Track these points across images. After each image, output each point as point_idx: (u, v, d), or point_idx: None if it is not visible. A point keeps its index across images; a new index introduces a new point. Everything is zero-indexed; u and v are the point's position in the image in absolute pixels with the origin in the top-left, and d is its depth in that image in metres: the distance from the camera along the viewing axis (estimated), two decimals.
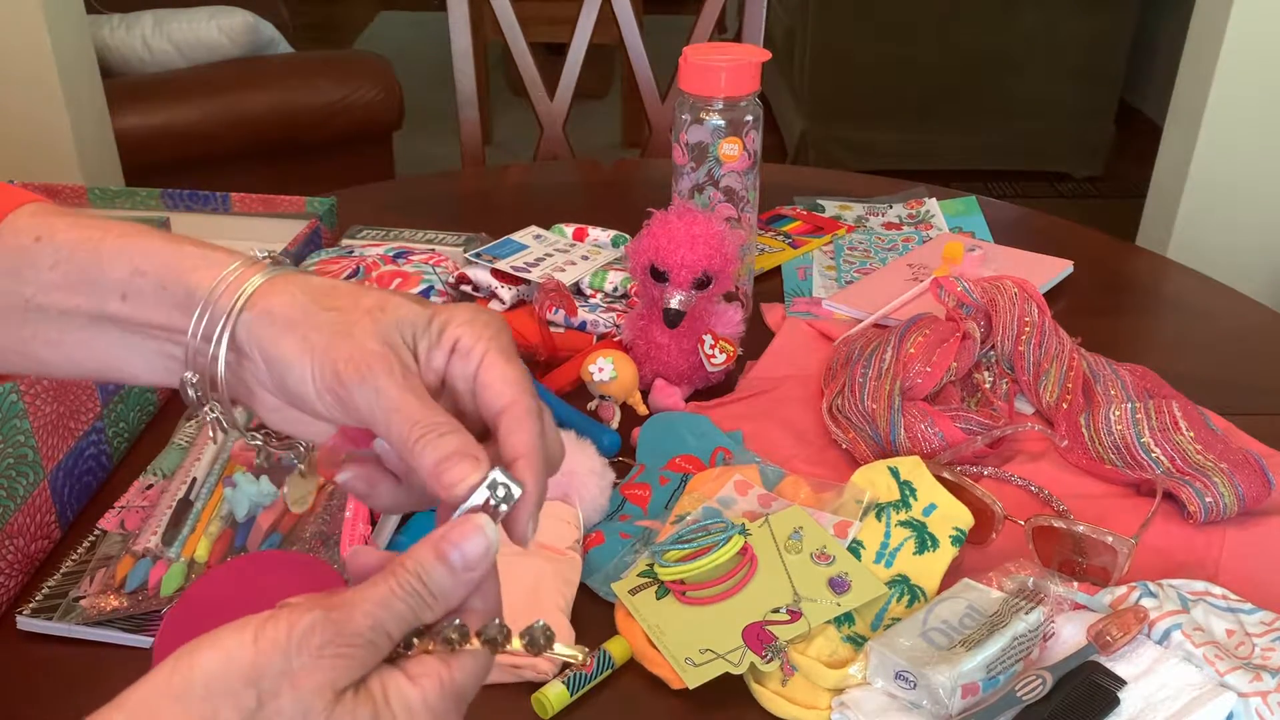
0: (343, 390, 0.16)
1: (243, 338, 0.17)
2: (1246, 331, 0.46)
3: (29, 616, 0.29)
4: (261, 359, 0.17)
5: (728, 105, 0.40)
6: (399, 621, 0.15)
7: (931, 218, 0.56)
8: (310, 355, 0.17)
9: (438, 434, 0.16)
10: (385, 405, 0.16)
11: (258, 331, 0.17)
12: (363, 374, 0.16)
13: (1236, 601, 0.29)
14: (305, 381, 0.17)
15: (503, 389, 0.17)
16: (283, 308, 0.17)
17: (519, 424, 0.17)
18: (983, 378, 0.39)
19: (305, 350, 0.17)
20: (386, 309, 0.17)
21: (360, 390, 0.16)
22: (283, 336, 0.17)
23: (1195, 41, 0.87)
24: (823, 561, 0.30)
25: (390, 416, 0.16)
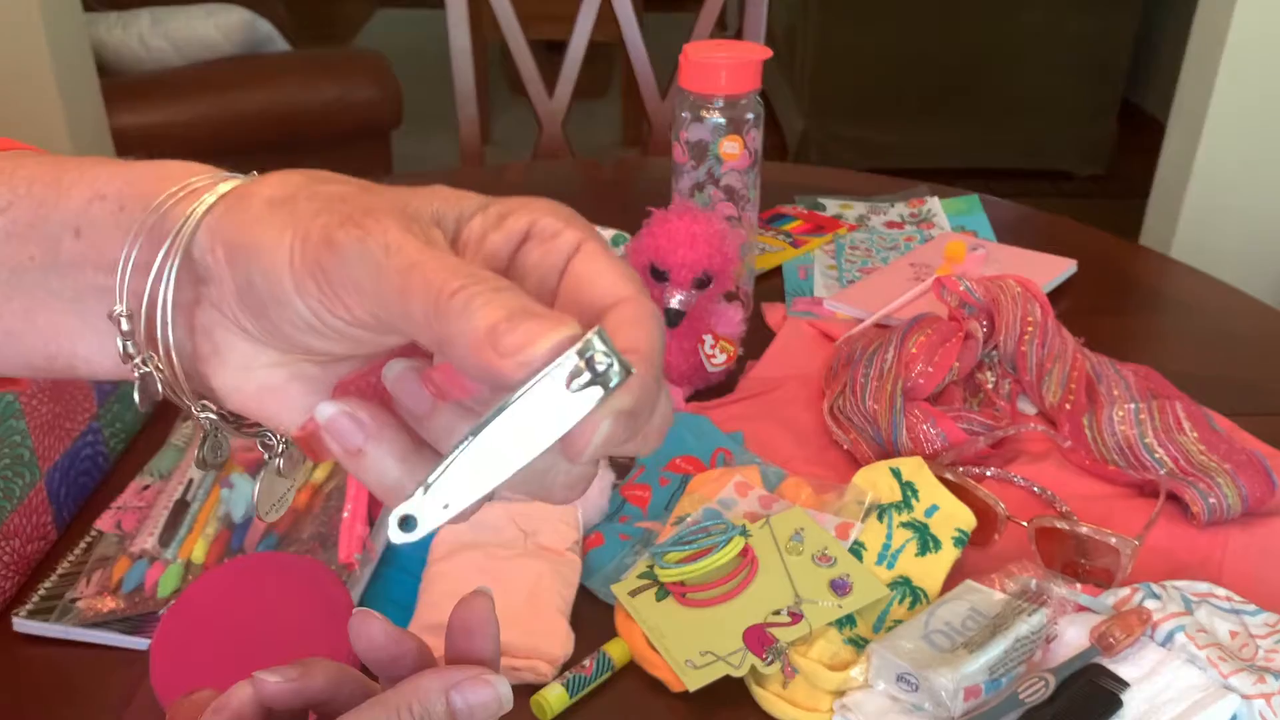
0: (333, 261, 0.11)
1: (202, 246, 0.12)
2: (1250, 331, 0.45)
3: (25, 618, 0.29)
4: (225, 259, 0.12)
5: (728, 103, 0.40)
6: None
7: (934, 216, 0.56)
8: (292, 228, 0.11)
9: (488, 286, 0.10)
10: (399, 263, 0.11)
11: (225, 224, 0.12)
12: (364, 226, 0.11)
13: (1240, 603, 0.29)
14: (280, 266, 0.11)
15: (614, 281, 0.12)
16: (270, 189, 0.12)
17: (638, 319, 0.11)
18: (985, 378, 0.39)
19: (286, 224, 0.11)
20: (420, 190, 0.12)
21: (360, 254, 0.11)
22: (260, 219, 0.12)
23: (1198, 38, 0.87)
24: (824, 563, 0.30)
25: (408, 276, 0.11)
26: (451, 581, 0.30)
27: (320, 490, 0.33)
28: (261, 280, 0.12)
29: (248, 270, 0.12)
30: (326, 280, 0.11)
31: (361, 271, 0.11)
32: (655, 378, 0.11)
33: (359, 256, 0.11)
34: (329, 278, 0.11)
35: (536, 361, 0.10)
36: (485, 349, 0.10)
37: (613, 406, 0.11)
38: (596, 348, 0.10)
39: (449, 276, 0.11)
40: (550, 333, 0.10)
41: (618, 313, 0.12)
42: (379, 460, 0.12)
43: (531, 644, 0.28)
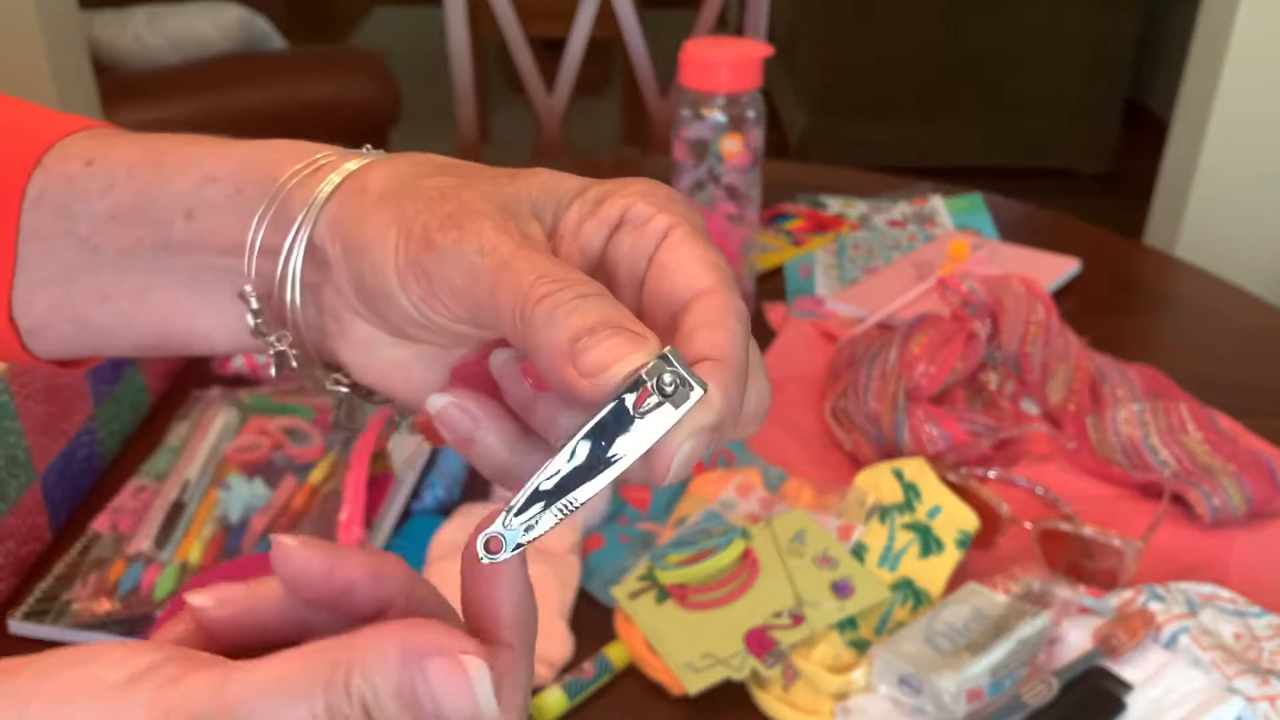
0: (432, 261, 0.11)
1: (324, 236, 0.12)
2: (1255, 332, 0.45)
3: (21, 620, 0.29)
4: (342, 252, 0.12)
5: (729, 101, 0.40)
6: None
7: (936, 215, 0.55)
8: (397, 226, 0.11)
9: (574, 293, 0.10)
10: (491, 264, 0.11)
11: (342, 216, 0.12)
12: (461, 228, 0.11)
13: (1245, 605, 0.29)
14: (387, 263, 0.11)
15: (698, 271, 0.11)
16: (380, 182, 0.12)
17: (717, 318, 0.11)
18: (988, 378, 0.39)
19: (393, 222, 0.12)
20: (516, 179, 0.12)
21: (456, 256, 0.11)
22: (371, 215, 0.12)
23: (1203, 37, 0.86)
24: (826, 565, 0.29)
25: (499, 276, 0.11)
26: (450, 582, 0.30)
27: (317, 492, 0.33)
28: (370, 275, 0.12)
29: (359, 265, 0.12)
30: (427, 280, 0.12)
31: (457, 272, 0.11)
32: (737, 380, 0.11)
33: (455, 258, 0.11)
34: (429, 277, 0.12)
35: (611, 384, 0.10)
36: (565, 364, 0.10)
37: (691, 426, 0.10)
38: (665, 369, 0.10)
39: (536, 281, 0.11)
40: (629, 356, 0.10)
41: (697, 311, 0.11)
42: (489, 448, 0.12)
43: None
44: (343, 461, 0.34)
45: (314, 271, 0.13)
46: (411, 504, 0.34)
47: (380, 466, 0.34)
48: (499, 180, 0.12)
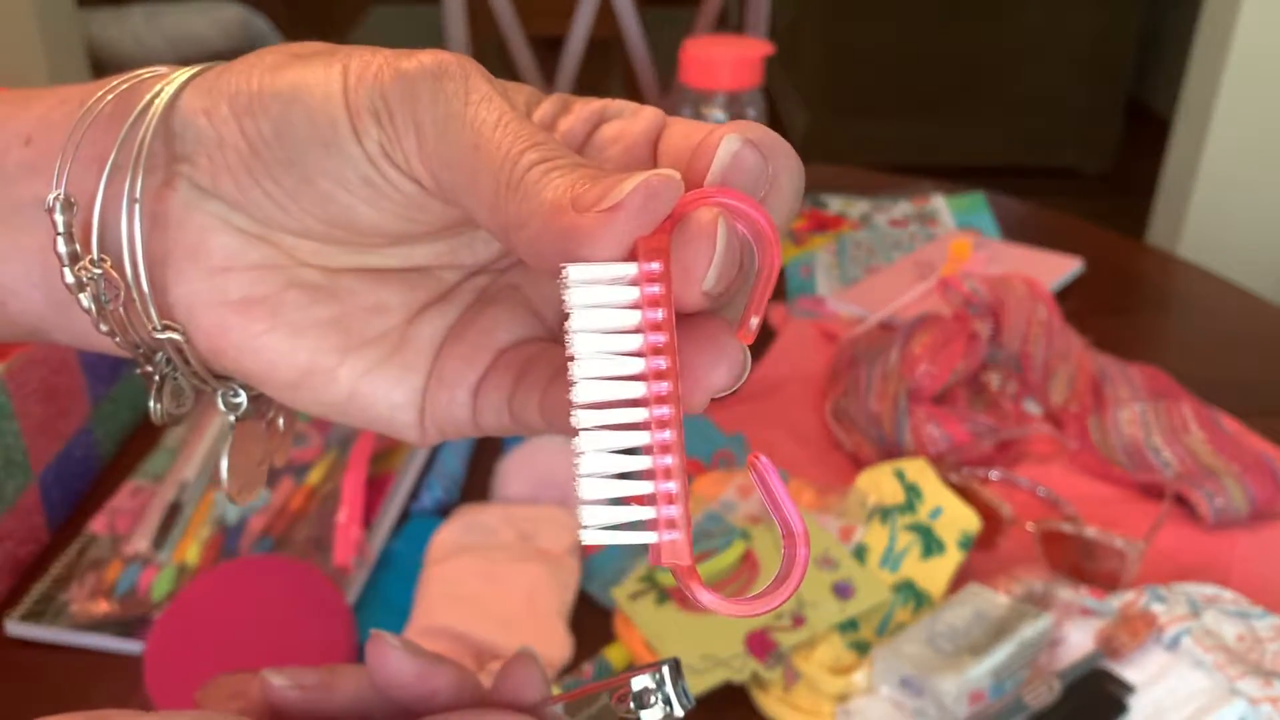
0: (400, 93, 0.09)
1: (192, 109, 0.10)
2: (1259, 332, 0.45)
3: (18, 621, 0.29)
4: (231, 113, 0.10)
5: (730, 99, 0.39)
6: None
7: (938, 215, 0.55)
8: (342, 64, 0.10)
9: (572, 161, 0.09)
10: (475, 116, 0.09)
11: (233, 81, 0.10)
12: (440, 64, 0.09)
13: (1248, 606, 0.28)
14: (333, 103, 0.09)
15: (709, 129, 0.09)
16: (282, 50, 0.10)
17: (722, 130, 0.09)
18: (990, 378, 0.39)
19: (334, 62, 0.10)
20: None
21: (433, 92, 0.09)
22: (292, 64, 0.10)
23: (1205, 35, 0.86)
24: (826, 566, 0.29)
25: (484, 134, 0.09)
26: (448, 585, 0.29)
27: (315, 493, 0.33)
28: (304, 122, 0.10)
29: (281, 116, 0.10)
30: (389, 116, 0.09)
31: (432, 113, 0.09)
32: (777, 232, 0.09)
33: (432, 94, 0.09)
34: (392, 112, 0.09)
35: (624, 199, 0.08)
36: (564, 211, 0.08)
37: None
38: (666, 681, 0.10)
39: (526, 145, 0.09)
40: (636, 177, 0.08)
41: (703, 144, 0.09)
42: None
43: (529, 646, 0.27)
44: (341, 463, 0.34)
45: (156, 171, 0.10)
46: (410, 505, 0.34)
47: (379, 468, 0.34)
48: None
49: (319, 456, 0.34)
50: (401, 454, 0.34)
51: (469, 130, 0.09)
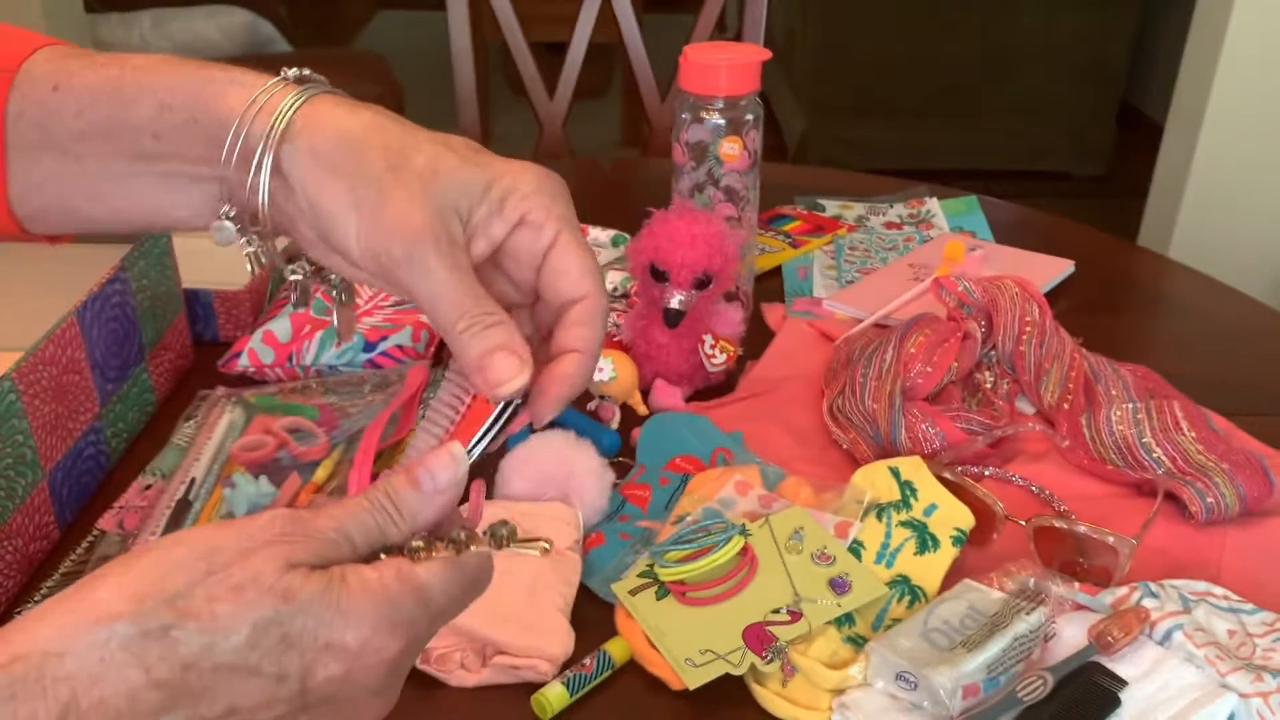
0: (388, 262, 0.16)
1: (286, 167, 0.16)
2: (1248, 332, 0.45)
3: None
4: (305, 199, 0.16)
5: (728, 104, 0.40)
6: (364, 531, 0.15)
7: (932, 217, 0.56)
8: (356, 214, 0.16)
9: (483, 326, 0.16)
10: (431, 289, 0.16)
11: (302, 166, 0.16)
12: (410, 252, 0.16)
13: (1238, 602, 0.29)
14: (349, 238, 0.16)
15: (580, 279, 0.17)
16: (328, 147, 0.16)
17: (589, 321, 0.17)
18: (984, 378, 0.39)
19: (351, 206, 0.16)
20: (439, 174, 0.16)
21: (407, 268, 0.16)
22: (328, 182, 0.16)
23: (1196, 40, 0.87)
24: (823, 562, 0.30)
25: (436, 302, 0.16)
26: None
27: (322, 490, 0.33)
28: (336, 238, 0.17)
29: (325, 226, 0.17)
30: (381, 268, 0.16)
31: (406, 276, 0.16)
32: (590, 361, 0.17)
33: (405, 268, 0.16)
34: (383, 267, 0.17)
35: (507, 394, 0.16)
36: (476, 373, 0.16)
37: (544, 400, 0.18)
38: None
39: (459, 316, 0.16)
40: (516, 375, 0.16)
41: (578, 310, 0.17)
42: None
43: (532, 643, 0.28)
44: (347, 460, 0.34)
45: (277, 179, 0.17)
46: None
47: (384, 464, 0.34)
48: (424, 178, 0.16)
49: (325, 454, 0.35)
50: (407, 451, 0.34)
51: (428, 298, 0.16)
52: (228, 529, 0.15)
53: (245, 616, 0.14)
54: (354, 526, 0.15)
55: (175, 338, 0.40)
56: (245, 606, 0.14)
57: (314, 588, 0.14)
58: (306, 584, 0.14)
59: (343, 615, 0.14)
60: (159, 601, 0.14)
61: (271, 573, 0.14)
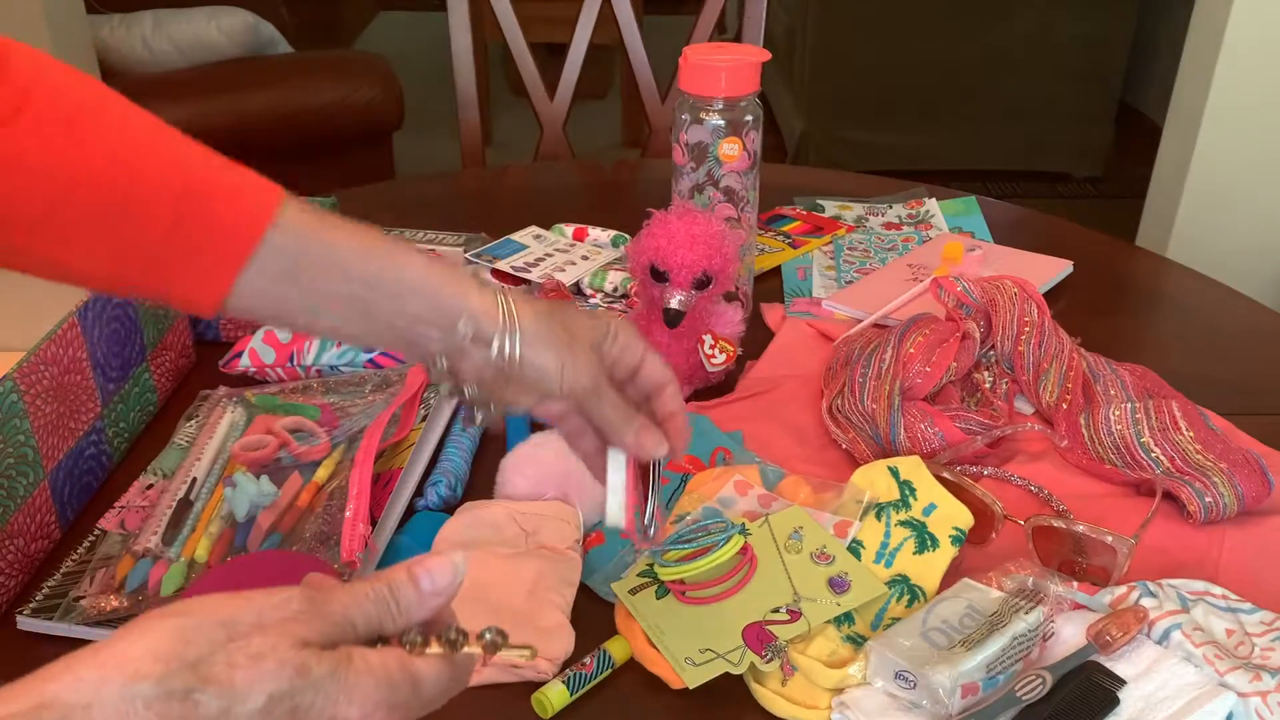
0: (582, 394, 0.25)
1: (509, 348, 0.24)
2: (1246, 331, 0.46)
3: (29, 616, 0.29)
4: (522, 365, 0.24)
5: (728, 105, 0.40)
6: (366, 619, 0.17)
7: (931, 218, 0.56)
8: (561, 367, 0.24)
9: (633, 418, 0.26)
10: (606, 405, 0.25)
11: (523, 344, 0.24)
12: (596, 386, 0.25)
13: (1236, 601, 0.29)
14: (553, 383, 0.24)
15: (663, 373, 0.27)
16: (531, 327, 0.24)
17: (673, 395, 0.27)
18: (982, 377, 0.39)
19: (556, 361, 0.24)
20: (593, 331, 0.26)
21: (594, 397, 0.25)
22: (539, 351, 0.24)
23: (1195, 41, 0.87)
24: (823, 561, 0.30)
25: (612, 413, 0.25)
26: None
27: (323, 489, 0.33)
28: (542, 385, 0.25)
29: (534, 378, 0.25)
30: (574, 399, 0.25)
31: (590, 404, 0.25)
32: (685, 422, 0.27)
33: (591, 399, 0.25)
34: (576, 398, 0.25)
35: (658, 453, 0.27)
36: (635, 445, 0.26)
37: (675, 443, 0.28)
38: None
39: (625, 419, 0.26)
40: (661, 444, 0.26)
41: (664, 391, 0.27)
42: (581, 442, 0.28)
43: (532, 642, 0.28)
44: (348, 459, 0.34)
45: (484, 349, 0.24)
46: (415, 501, 0.34)
47: (385, 465, 0.34)
48: (584, 338, 0.25)
49: (326, 454, 0.35)
50: (407, 451, 0.34)
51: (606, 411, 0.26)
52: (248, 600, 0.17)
53: (262, 686, 0.16)
54: (358, 614, 0.17)
55: (177, 338, 0.40)
56: (263, 677, 0.16)
57: (326, 667, 0.16)
58: (319, 662, 0.16)
59: (348, 693, 0.16)
60: (183, 664, 0.15)
61: (287, 648, 0.16)
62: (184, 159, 0.23)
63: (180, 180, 0.22)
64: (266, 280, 0.22)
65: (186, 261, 0.22)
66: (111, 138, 0.22)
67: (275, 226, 0.22)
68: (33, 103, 0.21)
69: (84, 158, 0.21)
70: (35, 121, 0.21)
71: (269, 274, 0.22)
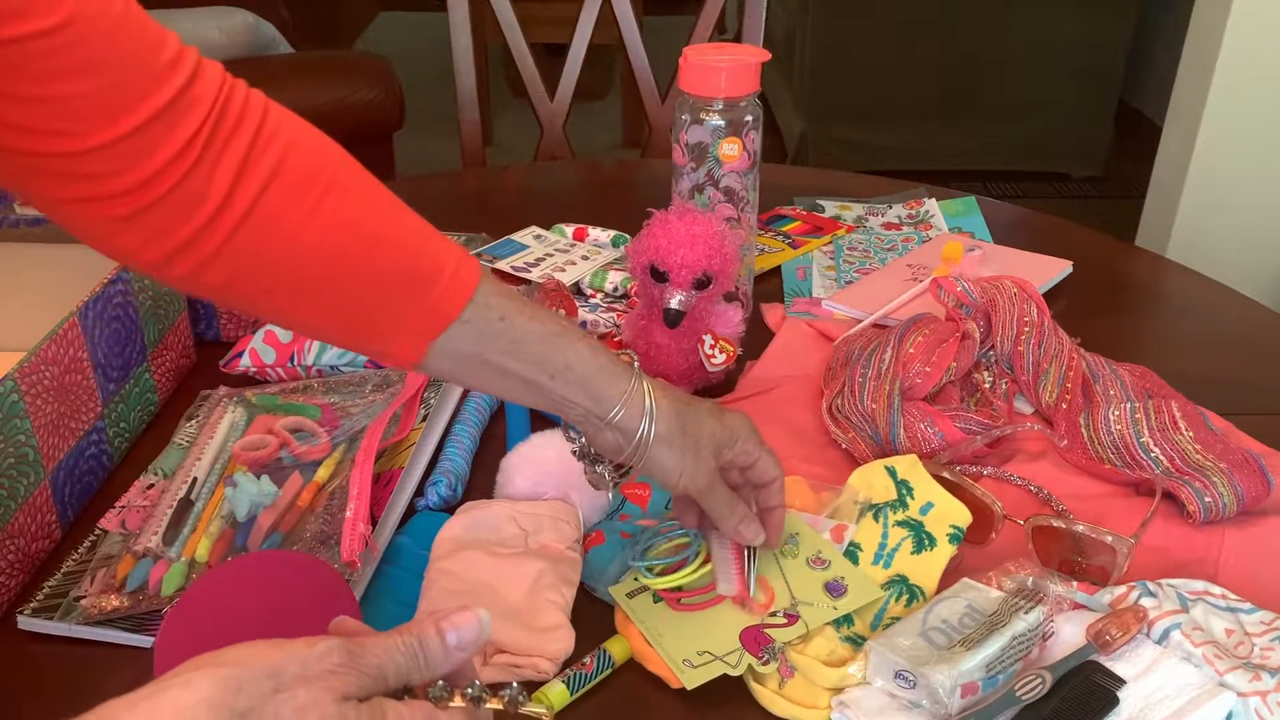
0: (696, 492, 0.28)
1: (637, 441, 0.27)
2: (1245, 331, 0.46)
3: (30, 616, 0.29)
4: (648, 456, 0.27)
5: (727, 105, 0.40)
6: (396, 671, 0.19)
7: (931, 218, 0.56)
8: (680, 470, 0.27)
9: (737, 519, 0.28)
10: (719, 504, 0.28)
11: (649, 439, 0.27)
12: (711, 486, 0.28)
13: (1236, 601, 0.29)
14: (671, 481, 0.28)
15: (773, 471, 0.29)
16: (663, 427, 0.27)
17: (780, 490, 0.29)
18: (982, 377, 0.39)
19: (677, 464, 0.27)
20: (717, 437, 0.28)
21: (707, 496, 0.28)
22: (663, 452, 0.27)
23: (1194, 42, 0.87)
24: (818, 566, 0.30)
25: (720, 509, 0.28)
26: (453, 579, 0.30)
27: (324, 490, 0.33)
28: (662, 479, 0.28)
29: (657, 474, 0.28)
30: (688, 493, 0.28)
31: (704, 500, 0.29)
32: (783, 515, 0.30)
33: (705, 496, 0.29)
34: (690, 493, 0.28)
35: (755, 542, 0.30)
36: (735, 535, 0.29)
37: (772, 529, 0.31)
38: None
39: (731, 514, 0.29)
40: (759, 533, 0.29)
41: (771, 488, 0.30)
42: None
43: (532, 641, 0.28)
44: (348, 460, 0.34)
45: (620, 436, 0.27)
46: (416, 501, 0.34)
47: (385, 465, 0.34)
48: (707, 442, 0.28)
49: (327, 454, 0.35)
50: (407, 451, 0.34)
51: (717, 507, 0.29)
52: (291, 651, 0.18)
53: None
54: (390, 667, 0.18)
55: (177, 337, 0.40)
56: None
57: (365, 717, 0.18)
58: (358, 716, 0.17)
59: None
60: (234, 715, 0.16)
61: (329, 701, 0.17)
62: (407, 234, 0.25)
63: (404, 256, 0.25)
64: (456, 346, 0.25)
65: (394, 328, 0.25)
66: (350, 211, 0.24)
67: (473, 303, 0.25)
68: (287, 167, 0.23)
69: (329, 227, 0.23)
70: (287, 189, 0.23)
71: (459, 342, 0.25)
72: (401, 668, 0.18)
